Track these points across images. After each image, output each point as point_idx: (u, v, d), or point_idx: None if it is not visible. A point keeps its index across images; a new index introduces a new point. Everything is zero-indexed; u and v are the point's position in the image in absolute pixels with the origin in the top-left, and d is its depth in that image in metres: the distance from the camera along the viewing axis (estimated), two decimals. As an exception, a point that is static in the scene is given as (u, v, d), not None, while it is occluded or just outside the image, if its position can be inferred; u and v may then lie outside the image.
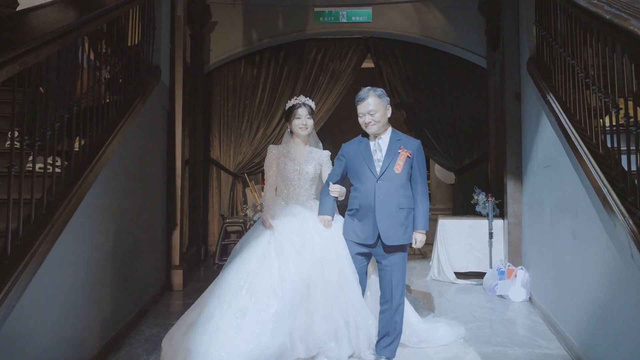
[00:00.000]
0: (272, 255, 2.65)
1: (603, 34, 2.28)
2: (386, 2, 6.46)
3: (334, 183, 2.80)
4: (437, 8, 6.38)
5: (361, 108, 2.67)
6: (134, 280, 3.41)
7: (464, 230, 4.96)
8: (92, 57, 3.12)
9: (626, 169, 2.16)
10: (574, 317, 2.80)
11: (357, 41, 6.69)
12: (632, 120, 2.07)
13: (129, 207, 3.27)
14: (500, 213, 4.93)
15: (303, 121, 2.94)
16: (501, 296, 4.20)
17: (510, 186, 4.42)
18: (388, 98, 2.71)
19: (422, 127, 6.51)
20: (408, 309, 2.85)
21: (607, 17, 2.04)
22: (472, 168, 6.48)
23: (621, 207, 2.06)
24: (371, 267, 2.85)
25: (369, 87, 2.72)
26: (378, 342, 2.67)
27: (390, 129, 2.74)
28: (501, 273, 4.29)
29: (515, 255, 4.41)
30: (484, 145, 6.29)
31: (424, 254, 7.06)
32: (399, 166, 2.61)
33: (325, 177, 2.99)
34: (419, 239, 2.64)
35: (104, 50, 3.23)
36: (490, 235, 4.78)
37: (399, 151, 2.63)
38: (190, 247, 5.76)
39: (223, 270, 2.77)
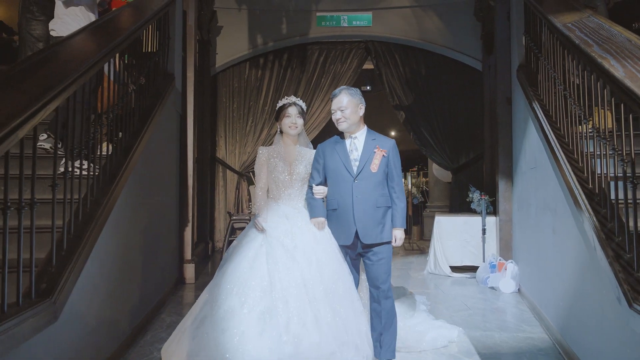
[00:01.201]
0: (262, 260, 2.65)
1: (576, 54, 2.62)
2: (386, 7, 6.80)
3: (317, 184, 2.81)
4: (434, 13, 6.72)
5: (334, 104, 2.73)
6: (155, 272, 3.77)
7: (459, 226, 5.32)
8: (116, 68, 3.45)
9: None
10: (554, 304, 3.16)
11: (358, 44, 7.03)
12: (597, 128, 2.43)
13: (151, 205, 3.63)
14: (494, 210, 5.29)
15: (293, 120, 2.93)
16: (492, 288, 4.57)
17: (502, 185, 4.78)
18: (362, 98, 2.75)
19: (420, 127, 6.86)
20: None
21: (577, 41, 2.39)
22: (468, 167, 6.84)
23: (588, 206, 2.42)
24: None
25: (344, 86, 2.79)
26: (375, 344, 2.67)
27: (365, 128, 2.79)
28: (492, 266, 4.65)
29: (506, 250, 4.77)
30: (480, 145, 6.63)
31: (422, 249, 7.44)
32: (375, 165, 2.65)
33: None
34: (398, 236, 2.70)
35: (126, 61, 3.56)
36: (484, 231, 5.14)
37: (375, 150, 2.67)
38: (198, 242, 6.12)
39: (216, 276, 2.78)
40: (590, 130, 2.48)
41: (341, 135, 2.80)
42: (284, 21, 6.90)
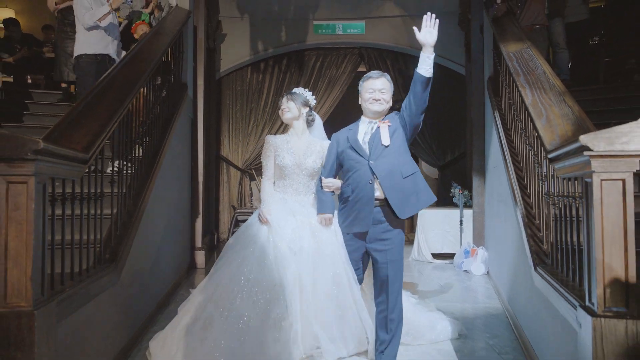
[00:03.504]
0: (271, 259, 2.68)
1: (511, 79, 3.41)
2: (378, 16, 7.57)
3: (326, 176, 2.76)
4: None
5: (373, 84, 2.68)
6: (174, 256, 4.57)
7: (440, 218, 6.13)
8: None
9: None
10: (505, 280, 3.97)
11: (352, 51, 7.80)
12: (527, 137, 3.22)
13: (170, 198, 4.42)
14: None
15: (282, 106, 2.99)
16: (466, 271, 5.37)
17: (475, 182, 5.57)
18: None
19: (409, 128, 7.64)
20: (406, 304, 2.88)
21: (511, 70, 3.18)
22: (453, 164, 7.62)
23: (520, 197, 3.21)
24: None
25: (380, 71, 2.80)
26: (376, 347, 2.62)
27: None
28: (466, 252, 5.45)
29: (479, 238, 5.57)
30: (463, 144, 7.41)
31: (412, 240, 8.23)
32: (385, 138, 2.60)
33: None
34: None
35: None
36: (461, 222, 5.94)
37: (378, 125, 2.66)
38: (205, 234, 6.91)
39: (217, 269, 2.83)
40: (525, 138, 3.27)
41: (357, 122, 2.79)
42: (284, 29, 7.67)
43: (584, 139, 1.63)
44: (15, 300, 1.73)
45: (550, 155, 2.15)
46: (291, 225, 2.79)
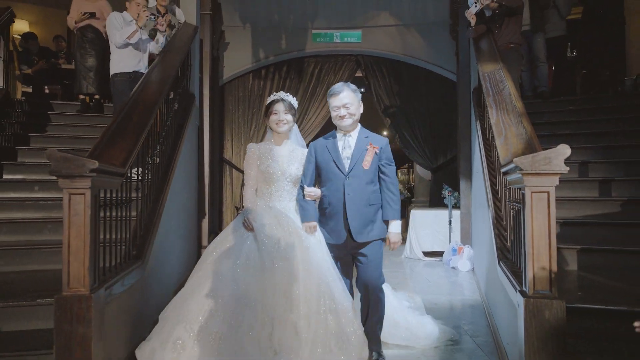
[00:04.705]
0: (257, 268, 2.72)
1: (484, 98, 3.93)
2: (374, 25, 8.10)
3: (308, 184, 2.85)
4: (416, 31, 8.01)
5: (336, 101, 2.76)
6: (184, 254, 5.10)
7: (430, 218, 6.67)
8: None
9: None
10: (482, 274, 4.50)
11: (349, 58, 8.33)
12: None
13: (182, 200, 4.95)
14: (461, 205, 6.61)
15: (280, 117, 2.92)
16: (454, 268, 5.90)
17: (462, 184, 6.10)
18: (360, 94, 2.86)
19: (403, 131, 8.18)
20: (395, 304, 3.21)
21: (483, 90, 3.69)
22: (446, 167, 8.15)
23: (491, 201, 3.74)
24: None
25: (342, 82, 2.85)
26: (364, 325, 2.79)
27: (359, 126, 2.87)
28: (454, 250, 5.99)
29: (466, 237, 6.10)
30: (455, 148, 7.93)
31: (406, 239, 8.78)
32: (367, 162, 2.71)
33: None
34: (392, 238, 2.79)
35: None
36: (450, 222, 6.48)
37: (367, 147, 2.74)
38: (210, 233, 7.45)
39: (199, 275, 2.86)
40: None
41: (333, 133, 2.90)
42: (283, 37, 8.20)
43: (516, 161, 2.16)
44: (76, 286, 2.26)
45: (502, 170, 2.68)
46: (277, 233, 2.79)
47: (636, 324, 1.57)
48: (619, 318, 2.35)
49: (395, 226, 2.79)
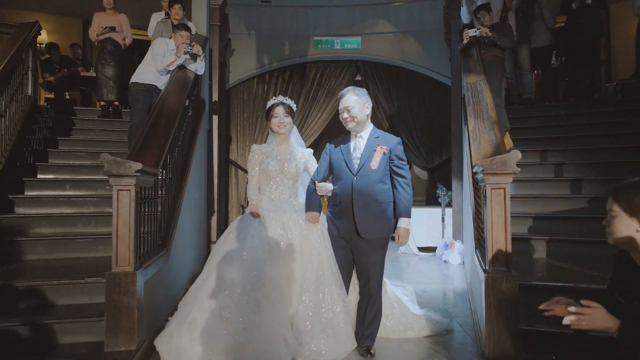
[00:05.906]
0: (264, 248, 2.98)
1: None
2: (373, 32, 8.69)
3: (320, 180, 3.04)
4: (413, 38, 8.59)
5: (341, 104, 2.94)
6: (196, 248, 5.69)
7: (425, 215, 7.24)
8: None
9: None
10: (468, 265, 5.07)
11: (349, 63, 8.92)
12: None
13: (195, 198, 5.54)
14: (454, 203, 7.19)
15: (280, 119, 3.16)
16: (446, 261, 6.48)
17: (454, 184, 6.68)
18: (368, 97, 2.99)
19: (400, 134, 8.74)
20: (392, 298, 3.40)
21: (465, 100, 4.26)
22: (441, 167, 8.73)
23: (472, 198, 4.31)
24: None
25: (350, 87, 3.01)
26: (356, 331, 2.99)
27: (371, 127, 3.02)
28: (446, 245, 6.56)
29: (457, 233, 6.68)
30: (449, 149, 8.50)
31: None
32: (375, 162, 2.85)
33: (312, 174, 3.25)
34: (401, 233, 2.97)
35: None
36: (443, 219, 7.05)
37: (376, 148, 2.89)
38: (218, 229, 8.03)
39: (211, 271, 3.11)
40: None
41: (348, 134, 3.06)
42: (287, 44, 8.79)
43: (479, 163, 2.73)
44: (123, 264, 2.85)
45: (473, 170, 3.25)
46: (281, 220, 3.06)
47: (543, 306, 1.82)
48: (567, 293, 2.91)
49: (405, 222, 2.97)
